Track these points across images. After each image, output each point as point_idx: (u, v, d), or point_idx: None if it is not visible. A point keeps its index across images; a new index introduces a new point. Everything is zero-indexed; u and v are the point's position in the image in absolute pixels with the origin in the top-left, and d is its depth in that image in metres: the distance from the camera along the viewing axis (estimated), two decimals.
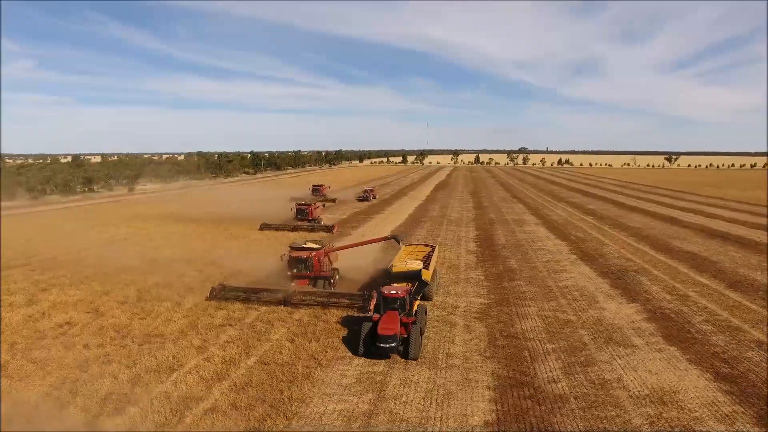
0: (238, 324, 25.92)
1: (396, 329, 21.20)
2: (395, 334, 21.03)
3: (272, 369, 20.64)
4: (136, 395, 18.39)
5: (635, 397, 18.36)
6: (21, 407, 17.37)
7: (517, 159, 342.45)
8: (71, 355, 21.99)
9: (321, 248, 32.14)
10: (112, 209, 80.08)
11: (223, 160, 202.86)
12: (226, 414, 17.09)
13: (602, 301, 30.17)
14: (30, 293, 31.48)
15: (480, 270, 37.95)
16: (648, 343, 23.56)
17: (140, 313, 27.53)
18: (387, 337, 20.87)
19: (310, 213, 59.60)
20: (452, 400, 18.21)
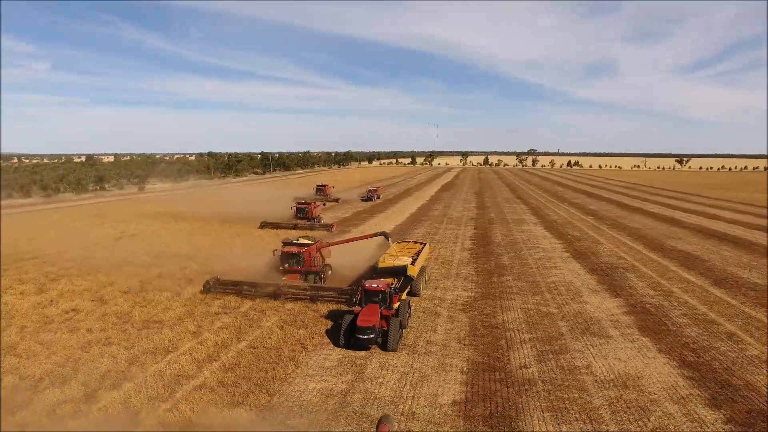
0: (233, 312, 27.27)
1: (375, 321, 21.92)
2: (374, 326, 21.74)
3: (260, 352, 21.95)
4: (132, 373, 19.82)
5: (600, 382, 19.38)
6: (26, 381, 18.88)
7: (526, 161, 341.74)
8: (75, 338, 23.51)
9: (312, 244, 33.35)
10: (122, 207, 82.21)
11: (233, 161, 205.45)
12: (213, 390, 18.42)
13: (586, 295, 31.10)
14: (40, 283, 33.18)
15: (472, 266, 38.99)
16: (623, 334, 24.51)
17: (141, 302, 29.03)
18: (366, 328, 21.61)
19: (310, 212, 60.93)
20: (426, 382, 19.37)
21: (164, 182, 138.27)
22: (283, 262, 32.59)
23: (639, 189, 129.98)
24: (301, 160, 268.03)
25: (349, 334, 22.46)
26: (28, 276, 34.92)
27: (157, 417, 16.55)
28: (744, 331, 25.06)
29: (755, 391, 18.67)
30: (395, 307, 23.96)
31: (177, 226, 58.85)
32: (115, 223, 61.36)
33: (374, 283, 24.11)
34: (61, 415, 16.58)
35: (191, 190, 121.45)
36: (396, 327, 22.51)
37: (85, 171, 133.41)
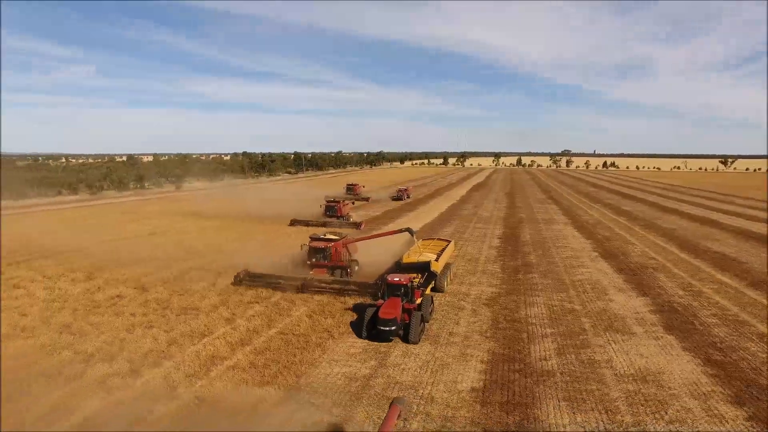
0: (264, 302, 28.56)
1: (396, 314, 22.46)
2: (395, 318, 22.28)
3: (289, 338, 23.07)
4: (172, 352, 21.25)
5: (619, 376, 19.62)
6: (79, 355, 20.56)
7: (560, 162, 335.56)
8: (120, 321, 25.24)
9: (339, 239, 34.35)
10: (159, 204, 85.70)
11: (267, 160, 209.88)
12: (244, 370, 19.62)
13: (612, 294, 31.04)
14: (88, 271, 35.42)
15: (498, 263, 39.29)
16: (647, 332, 24.51)
17: (179, 291, 30.69)
18: (387, 320, 22.17)
19: (339, 210, 62.12)
20: (446, 369, 20.05)
21: (200, 181, 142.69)
22: (311, 256, 33.68)
23: (677, 190, 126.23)
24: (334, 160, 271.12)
25: (371, 326, 23.04)
26: (78, 265, 37.29)
27: (194, 392, 17.81)
28: None
29: None
30: (418, 302, 24.46)
31: (211, 222, 61.13)
32: (154, 219, 64.29)
33: (396, 277, 24.76)
34: (110, 387, 18.06)
35: (226, 188, 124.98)
36: (417, 320, 22.92)
37: (126, 170, 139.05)
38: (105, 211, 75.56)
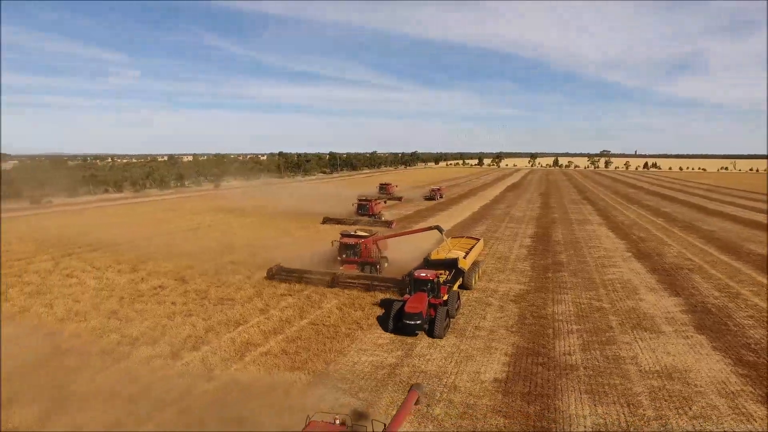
0: (297, 295, 29.67)
1: (422, 308, 22.86)
2: (420, 313, 22.67)
3: (320, 328, 24.03)
4: (209, 338, 22.54)
5: (644, 372, 19.65)
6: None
7: (599, 162, 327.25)
8: (162, 309, 26.82)
9: (369, 236, 35.13)
10: (199, 202, 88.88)
11: (302, 160, 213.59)
12: (276, 356, 20.66)
13: (643, 293, 30.71)
14: (133, 263, 37.50)
15: (528, 262, 39.30)
16: (676, 331, 24.28)
17: (217, 283, 32.19)
18: (412, 314, 22.61)
19: (371, 209, 63.00)
20: (470, 361, 20.54)
21: (237, 180, 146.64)
22: (341, 252, 34.60)
23: (722, 192, 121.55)
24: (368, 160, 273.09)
25: (397, 320, 23.44)
26: (124, 257, 39.50)
27: (230, 374, 18.95)
28: None
29: None
30: (444, 297, 24.80)
31: (247, 219, 63.17)
32: (193, 216, 66.90)
33: (423, 272, 25.20)
34: (153, 367, 19.42)
35: (262, 187, 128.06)
36: (443, 315, 23.24)
37: (167, 169, 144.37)
38: (148, 207, 79.10)
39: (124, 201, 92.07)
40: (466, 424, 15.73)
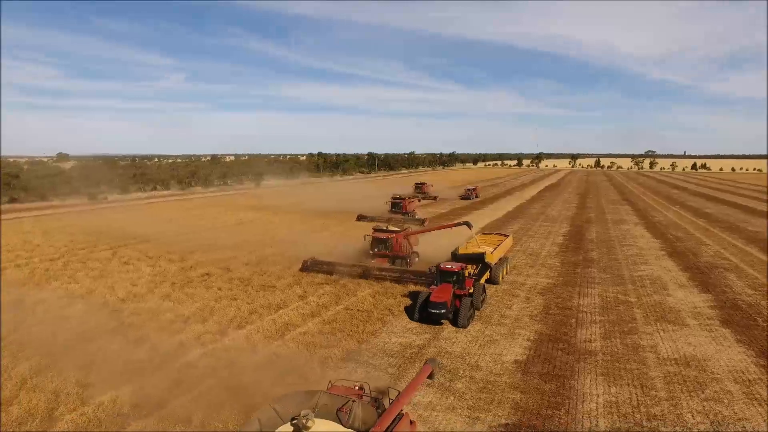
0: (333, 284, 31.53)
1: (447, 298, 23.97)
2: (445, 302, 23.76)
3: (354, 313, 25.77)
4: (252, 319, 24.66)
5: (662, 359, 20.39)
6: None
7: (643, 163, 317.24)
8: (209, 293, 29.22)
9: (400, 231, 36.63)
10: (241, 199, 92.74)
11: (341, 160, 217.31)
12: (313, 336, 22.51)
13: (672, 289, 30.98)
14: (181, 254, 40.42)
15: (558, 258, 39.91)
16: (701, 324, 24.71)
17: (259, 272, 34.48)
18: (438, 303, 23.73)
19: (404, 207, 64.42)
20: (494, 345, 21.80)
21: (277, 179, 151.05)
22: (373, 246, 36.24)
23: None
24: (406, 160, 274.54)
25: (423, 309, 24.49)
26: (174, 248, 42.56)
27: (271, 349, 20.91)
28: None
29: None
30: (469, 289, 25.77)
31: (287, 216, 65.88)
32: (235, 212, 70.26)
33: (449, 264, 26.34)
34: (204, 341, 21.63)
35: (301, 186, 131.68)
36: (467, 306, 24.11)
37: (211, 168, 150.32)
38: (194, 204, 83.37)
39: (172, 198, 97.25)
40: (485, 397, 17.08)
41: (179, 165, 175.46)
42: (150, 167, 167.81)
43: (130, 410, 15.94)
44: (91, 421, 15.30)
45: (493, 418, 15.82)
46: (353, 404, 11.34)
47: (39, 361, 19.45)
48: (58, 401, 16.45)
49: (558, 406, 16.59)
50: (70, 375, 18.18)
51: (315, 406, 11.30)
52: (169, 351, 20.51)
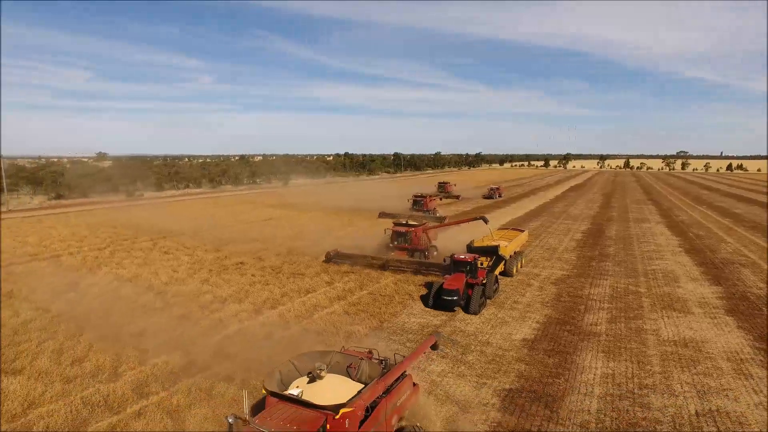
0: (358, 272, 33.71)
1: (459, 286, 25.54)
2: (457, 290, 25.34)
3: (376, 297, 27.91)
4: (284, 301, 27.05)
5: (662, 341, 21.85)
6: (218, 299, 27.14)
7: (674, 164, 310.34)
8: (244, 279, 31.80)
9: (419, 225, 38.53)
10: (270, 197, 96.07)
11: (367, 160, 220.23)
12: (339, 316, 24.73)
13: (683, 282, 32.07)
14: (216, 245, 43.31)
15: (575, 253, 41.21)
16: (705, 312, 25.93)
17: (289, 261, 36.96)
18: (450, 291, 25.35)
19: (425, 204, 66.15)
20: (505, 325, 23.61)
21: (305, 178, 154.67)
22: (393, 239, 38.22)
23: None
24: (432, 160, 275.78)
25: (437, 297, 26.02)
26: (208, 241, 45.55)
27: (302, 326, 23.20)
28: None
29: None
30: (482, 280, 27.06)
31: (314, 213, 68.53)
32: (265, 209, 73.36)
33: (462, 255, 27.93)
34: (241, 318, 24.10)
35: (327, 185, 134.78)
36: (478, 294, 25.56)
37: (241, 168, 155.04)
38: (225, 201, 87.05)
39: (204, 195, 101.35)
40: (492, 367, 18.96)
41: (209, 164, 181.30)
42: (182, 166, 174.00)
43: (180, 370, 18.40)
44: (149, 377, 17.82)
45: (498, 384, 17.70)
46: (361, 362, 13.43)
47: (100, 331, 22.19)
48: (120, 361, 19.05)
49: (558, 375, 18.35)
50: (127, 342, 20.82)
51: (328, 363, 13.43)
52: (210, 325, 23.03)
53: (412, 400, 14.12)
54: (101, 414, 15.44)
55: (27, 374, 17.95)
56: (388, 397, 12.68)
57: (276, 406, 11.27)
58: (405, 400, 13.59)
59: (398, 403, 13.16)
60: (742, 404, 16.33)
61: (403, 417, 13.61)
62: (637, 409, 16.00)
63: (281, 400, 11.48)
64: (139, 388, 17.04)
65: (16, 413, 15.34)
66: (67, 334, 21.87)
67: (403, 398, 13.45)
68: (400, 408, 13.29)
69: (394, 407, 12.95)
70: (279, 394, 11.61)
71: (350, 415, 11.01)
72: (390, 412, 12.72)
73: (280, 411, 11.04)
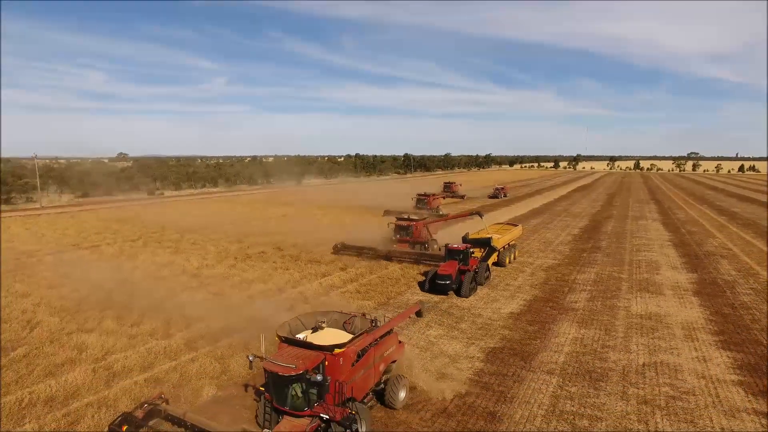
0: (368, 260, 37.41)
1: (452, 272, 28.46)
2: (450, 275, 28.29)
3: (384, 280, 31.62)
4: (303, 282, 30.87)
5: (630, 315, 25.28)
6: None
7: (685, 165, 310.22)
8: (267, 265, 35.69)
9: (420, 220, 42.11)
10: (284, 196, 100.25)
11: (377, 161, 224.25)
12: (352, 294, 28.48)
13: (663, 270, 35.33)
14: (238, 237, 47.33)
15: (569, 246, 44.55)
16: (675, 294, 29.26)
17: (306, 251, 40.81)
18: (443, 276, 28.40)
19: (429, 203, 69.53)
20: (495, 302, 27.18)
21: (317, 179, 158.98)
22: (396, 233, 41.77)
23: None
24: (442, 161, 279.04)
25: (432, 282, 28.98)
26: (231, 234, 49.60)
27: (320, 302, 26.93)
28: None
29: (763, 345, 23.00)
30: (474, 268, 29.86)
31: (326, 210, 72.48)
32: (280, 207, 77.52)
33: (455, 245, 31.06)
34: (266, 295, 27.93)
35: (338, 185, 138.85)
36: (469, 279, 28.53)
37: (255, 168, 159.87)
38: (242, 200, 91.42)
39: (221, 194, 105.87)
40: (481, 332, 22.56)
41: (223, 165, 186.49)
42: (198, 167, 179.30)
43: (220, 332, 22.20)
44: (196, 336, 21.64)
45: (484, 344, 21.29)
46: (355, 319, 16.87)
47: (149, 303, 26.10)
48: (170, 325, 22.93)
49: (535, 338, 21.90)
50: (173, 312, 24.68)
51: (329, 319, 16.88)
52: (241, 301, 26.87)
53: (398, 354, 17.18)
54: (163, 359, 19.31)
55: (98, 332, 21.92)
56: (376, 347, 15.80)
57: (286, 349, 14.27)
58: (391, 353, 16.71)
59: (385, 354, 16.31)
60: (682, 358, 19.78)
61: (390, 369, 16.82)
62: (596, 361, 19.50)
63: (290, 345, 14.49)
64: (189, 344, 20.89)
65: (98, 357, 19.29)
66: (122, 305, 25.82)
67: (389, 350, 16.58)
68: (386, 358, 16.36)
69: (381, 357, 16.10)
70: (288, 338, 14.77)
71: (344, 355, 14.04)
72: (378, 360, 15.88)
73: (288, 351, 14.04)
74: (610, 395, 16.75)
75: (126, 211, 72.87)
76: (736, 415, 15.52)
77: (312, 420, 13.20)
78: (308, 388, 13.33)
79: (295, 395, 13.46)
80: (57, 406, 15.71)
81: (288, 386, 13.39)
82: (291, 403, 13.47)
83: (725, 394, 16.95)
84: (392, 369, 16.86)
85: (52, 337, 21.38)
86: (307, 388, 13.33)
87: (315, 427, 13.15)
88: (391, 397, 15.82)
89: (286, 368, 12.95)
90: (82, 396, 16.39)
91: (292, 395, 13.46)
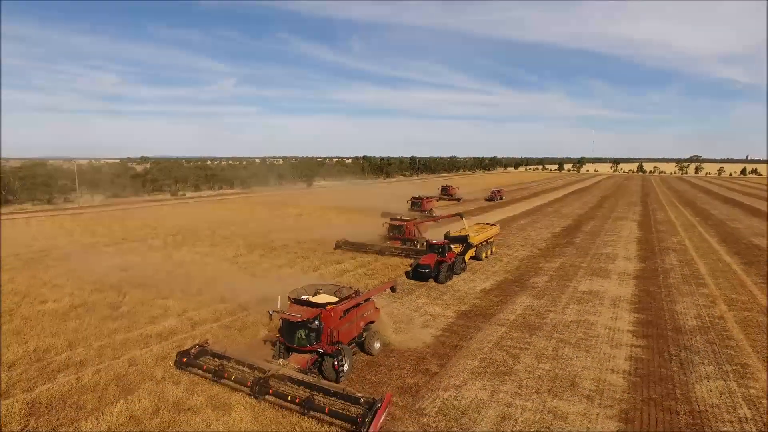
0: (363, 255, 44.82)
1: (431, 262, 35.15)
2: (429, 265, 34.98)
3: (387, 266, 39.17)
4: (321, 268, 38.58)
5: (576, 291, 32.61)
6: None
7: (688, 168, 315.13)
8: (290, 255, 43.38)
9: (411, 220, 49.48)
10: (297, 197, 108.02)
11: (384, 164, 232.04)
12: (361, 276, 36.05)
13: (619, 261, 42.55)
14: (262, 233, 55.08)
15: (547, 242, 51.82)
16: (619, 278, 36.51)
17: (322, 244, 48.36)
18: (424, 265, 35.16)
19: (423, 205, 76.53)
20: (472, 282, 34.63)
21: (326, 181, 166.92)
22: (389, 232, 49.11)
23: None
24: (447, 164, 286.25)
25: (415, 270, 35.78)
26: (253, 231, 57.37)
27: (335, 281, 34.46)
28: (713, 285, 35.09)
29: (680, 316, 30.15)
30: (451, 259, 36.35)
31: (337, 210, 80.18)
32: (295, 207, 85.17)
33: (435, 240, 38.52)
34: (296, 276, 35.52)
35: (348, 187, 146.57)
36: (445, 269, 34.87)
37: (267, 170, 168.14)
38: (258, 200, 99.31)
39: (239, 195, 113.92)
40: (457, 301, 30.05)
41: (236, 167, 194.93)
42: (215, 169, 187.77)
43: (262, 299, 29.73)
44: (245, 302, 29.18)
45: (458, 308, 28.76)
46: (343, 288, 23.97)
47: (204, 281, 33.73)
48: (225, 298, 30.50)
49: (498, 305, 29.33)
50: (223, 288, 32.28)
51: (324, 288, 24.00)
52: (275, 279, 34.48)
53: (375, 316, 23.70)
54: (226, 315, 26.95)
55: (173, 299, 29.60)
56: (358, 309, 22.29)
57: (294, 306, 21.04)
58: (370, 314, 23.22)
59: (365, 315, 22.89)
60: (600, 317, 27.17)
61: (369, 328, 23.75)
62: (537, 319, 26.89)
63: (297, 303, 21.24)
64: (242, 306, 28.49)
65: (179, 312, 26.98)
66: (182, 281, 33.49)
67: (368, 312, 23.13)
68: (366, 318, 22.83)
69: (362, 316, 22.60)
70: (296, 299, 21.80)
71: (333, 311, 20.43)
72: (359, 318, 22.36)
73: (296, 307, 20.82)
74: (539, 338, 24.16)
75: (156, 210, 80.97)
76: (618, 347, 22.92)
77: (312, 355, 20.05)
78: (309, 332, 19.84)
79: (300, 337, 19.97)
80: (167, 337, 23.45)
81: (295, 330, 19.94)
82: (297, 342, 20.06)
83: (618, 336, 24.36)
84: (371, 328, 23.51)
85: (143, 300, 29.13)
86: (308, 332, 19.85)
87: (314, 359, 19.97)
88: (369, 346, 22.35)
89: (294, 317, 19.67)
90: (178, 334, 24.06)
91: (299, 337, 19.97)
